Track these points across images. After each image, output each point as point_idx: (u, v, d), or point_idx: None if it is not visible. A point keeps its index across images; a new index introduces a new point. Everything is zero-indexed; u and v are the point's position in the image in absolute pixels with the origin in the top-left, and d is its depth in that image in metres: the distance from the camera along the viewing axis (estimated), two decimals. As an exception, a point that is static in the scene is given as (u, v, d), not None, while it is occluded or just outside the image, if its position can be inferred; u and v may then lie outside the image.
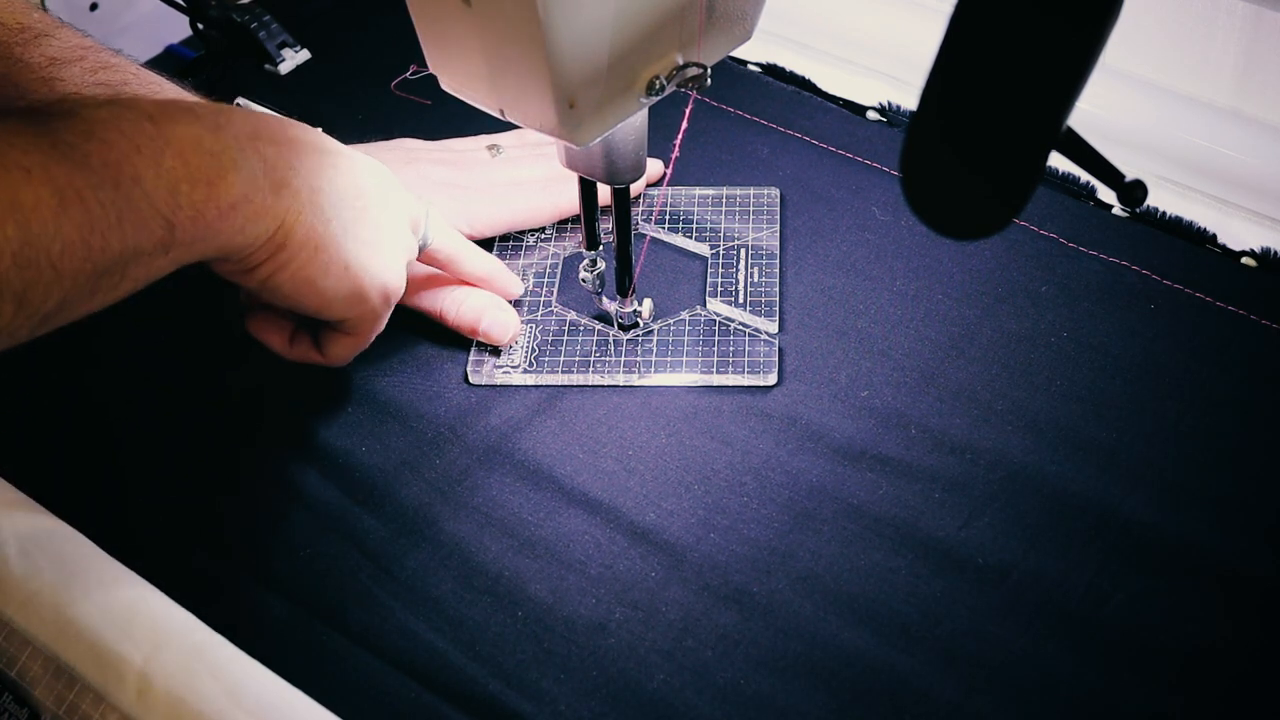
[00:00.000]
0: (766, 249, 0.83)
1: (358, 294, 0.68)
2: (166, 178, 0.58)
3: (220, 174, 0.60)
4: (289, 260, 0.65)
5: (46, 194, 0.53)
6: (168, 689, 0.63)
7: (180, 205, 0.58)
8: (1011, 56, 0.47)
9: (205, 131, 0.60)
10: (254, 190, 0.61)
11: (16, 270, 0.52)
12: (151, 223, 0.57)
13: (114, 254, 0.56)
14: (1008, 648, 0.64)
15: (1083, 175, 0.85)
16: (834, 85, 0.94)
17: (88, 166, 0.55)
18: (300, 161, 0.64)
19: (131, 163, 0.57)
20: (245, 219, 0.61)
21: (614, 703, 0.63)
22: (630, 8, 0.58)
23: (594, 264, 0.77)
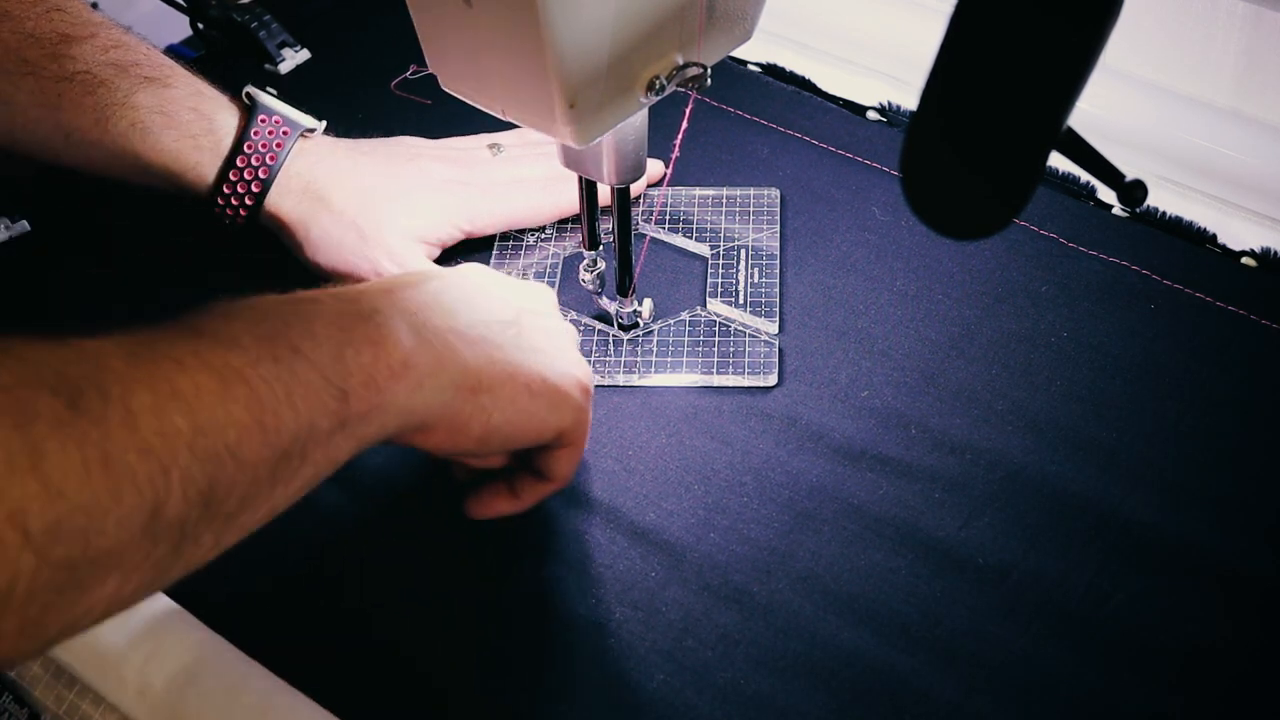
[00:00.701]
0: (766, 249, 0.83)
1: (564, 401, 0.64)
2: (327, 345, 0.53)
3: (380, 335, 0.56)
4: (494, 402, 0.60)
5: (205, 378, 0.48)
6: (168, 689, 0.63)
7: (350, 371, 0.54)
8: (1011, 57, 0.47)
9: (344, 304, 0.56)
10: (420, 344, 0.57)
11: (198, 464, 0.47)
12: (323, 393, 0.52)
13: (290, 433, 0.51)
14: (1008, 648, 0.64)
15: (1083, 175, 0.85)
16: (834, 85, 0.94)
17: (239, 346, 0.50)
18: (443, 302, 0.61)
19: (285, 336, 0.52)
20: (423, 375, 0.57)
21: (614, 703, 0.63)
22: (630, 8, 0.58)
23: (594, 264, 0.77)
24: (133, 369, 0.47)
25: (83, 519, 0.43)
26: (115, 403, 0.45)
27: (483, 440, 0.61)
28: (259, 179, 0.79)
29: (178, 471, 0.46)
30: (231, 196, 0.79)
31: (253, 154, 0.79)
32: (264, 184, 0.79)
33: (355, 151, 0.82)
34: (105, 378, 0.46)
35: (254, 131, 0.79)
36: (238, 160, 0.79)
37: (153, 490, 0.45)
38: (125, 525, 0.44)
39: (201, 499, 0.47)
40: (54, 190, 0.90)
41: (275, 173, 0.79)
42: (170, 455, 0.46)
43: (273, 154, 0.79)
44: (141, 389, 0.46)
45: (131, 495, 0.44)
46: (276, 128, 0.80)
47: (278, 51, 0.99)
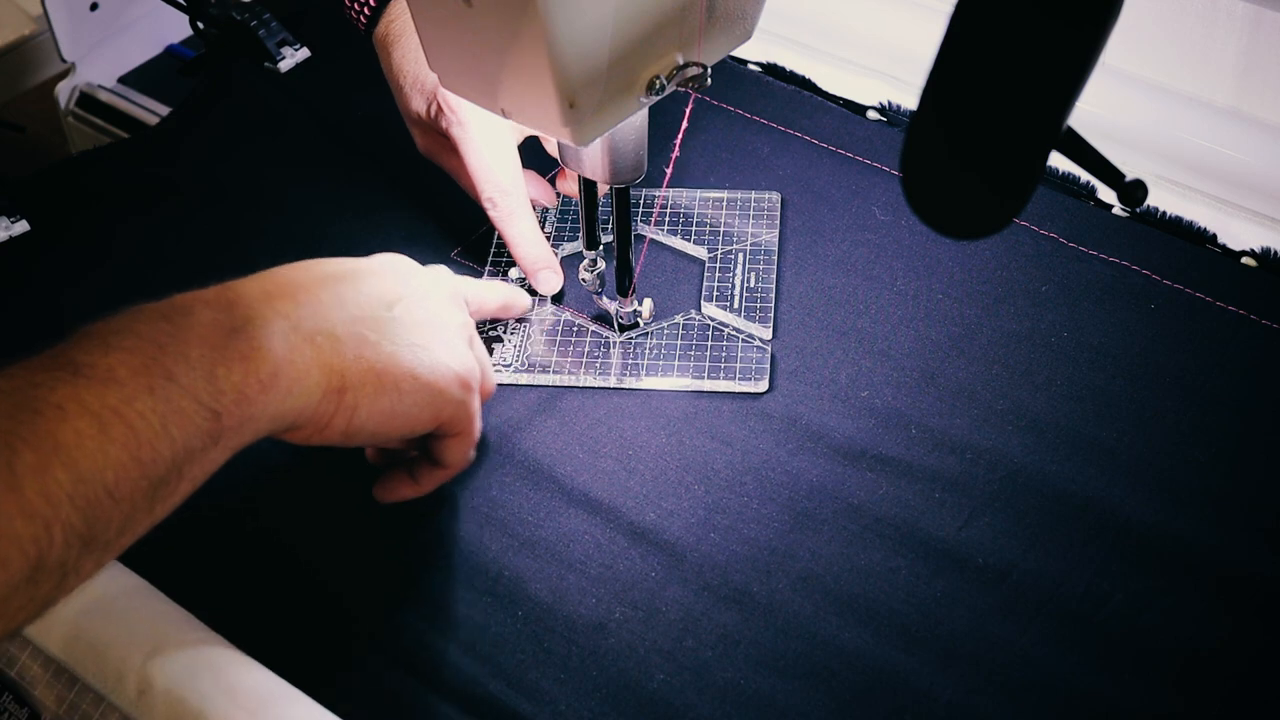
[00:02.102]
0: (765, 253, 0.83)
1: (437, 397, 0.65)
2: (199, 366, 0.55)
3: (252, 347, 0.57)
4: (358, 400, 0.61)
5: (85, 424, 0.51)
6: (168, 689, 0.63)
7: (222, 390, 0.55)
8: (1012, 57, 0.47)
9: (219, 313, 0.58)
10: (290, 351, 0.58)
11: (76, 512, 0.50)
12: (197, 417, 0.54)
13: (166, 461, 0.53)
14: (1008, 647, 0.64)
15: (1083, 175, 0.85)
16: (834, 85, 0.94)
17: (116, 381, 0.53)
18: (321, 299, 0.62)
19: (159, 363, 0.54)
20: (291, 382, 0.58)
21: (614, 703, 0.63)
22: (630, 8, 0.58)
23: (594, 264, 0.77)
24: (16, 424, 0.50)
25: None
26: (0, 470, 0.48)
27: (347, 436, 0.62)
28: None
29: (59, 524, 0.50)
30: (354, 4, 0.84)
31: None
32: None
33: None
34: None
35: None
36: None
37: (36, 548, 0.49)
38: (9, 584, 0.48)
39: (81, 541, 0.51)
40: (54, 190, 0.90)
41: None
42: (53, 511, 0.49)
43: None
44: (24, 448, 0.49)
45: (17, 559, 0.48)
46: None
47: (278, 50, 0.99)
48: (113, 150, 0.95)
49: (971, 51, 0.48)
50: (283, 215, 0.87)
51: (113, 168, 0.92)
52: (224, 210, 0.88)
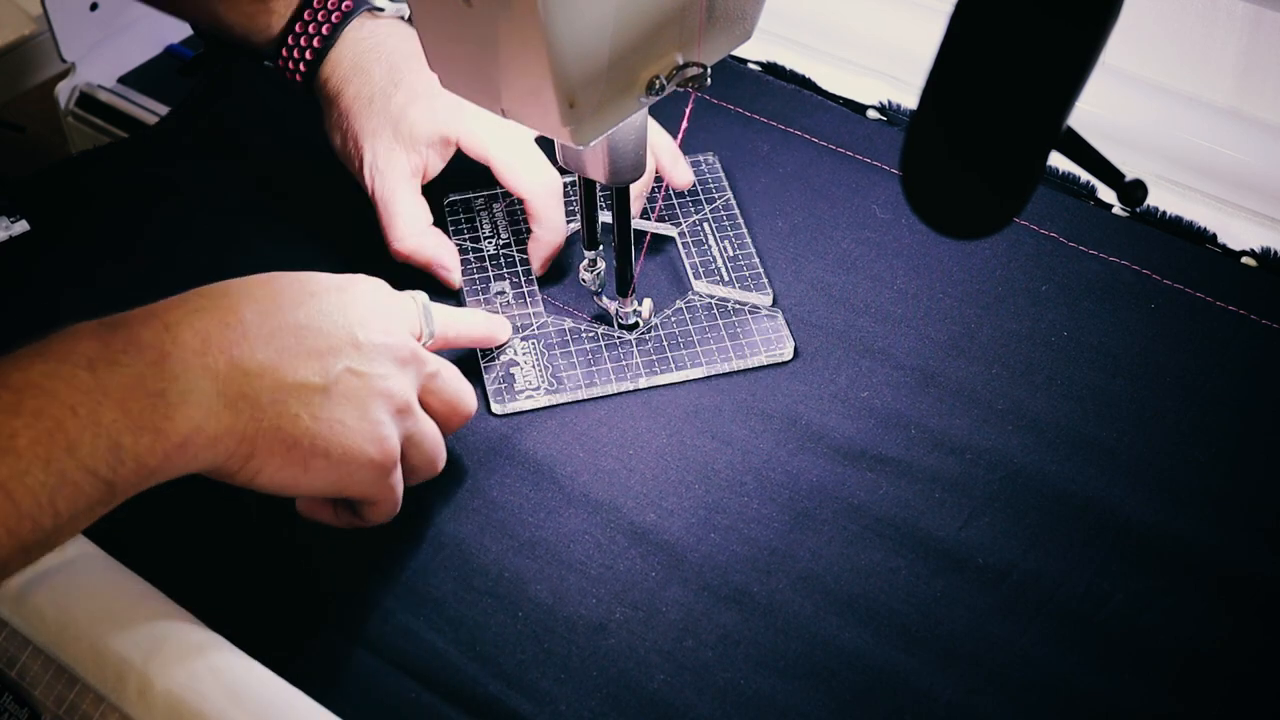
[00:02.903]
0: (729, 217, 0.83)
1: (344, 477, 0.63)
2: (106, 435, 0.54)
3: (167, 415, 0.56)
4: (261, 466, 0.60)
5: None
6: (168, 689, 0.62)
7: (122, 461, 0.55)
8: (1012, 56, 0.47)
9: (148, 368, 0.56)
10: (206, 417, 0.57)
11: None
12: (89, 488, 0.54)
13: (46, 530, 0.53)
14: (1008, 648, 0.64)
15: (1083, 175, 0.85)
16: (834, 84, 0.94)
17: (14, 451, 0.52)
18: (258, 356, 0.60)
19: (65, 431, 0.53)
20: (198, 449, 0.57)
21: (614, 703, 0.63)
22: (630, 8, 0.58)
23: (594, 264, 0.77)
24: None
25: None
26: None
27: (248, 487, 0.62)
28: (313, 47, 0.82)
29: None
30: (289, 60, 0.83)
31: (310, 22, 0.82)
32: (317, 52, 0.82)
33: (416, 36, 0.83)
34: None
35: (316, 1, 0.82)
36: (295, 27, 0.83)
37: None
38: None
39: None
40: (54, 190, 0.90)
41: (330, 42, 0.82)
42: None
43: (329, 25, 0.82)
44: None
45: None
46: (340, 1, 0.83)
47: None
48: (113, 150, 0.95)
49: (972, 51, 0.48)
50: (283, 215, 0.87)
51: (113, 168, 0.92)
52: (224, 210, 0.88)
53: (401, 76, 0.80)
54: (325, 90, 0.82)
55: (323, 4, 0.82)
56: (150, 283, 0.83)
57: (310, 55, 0.82)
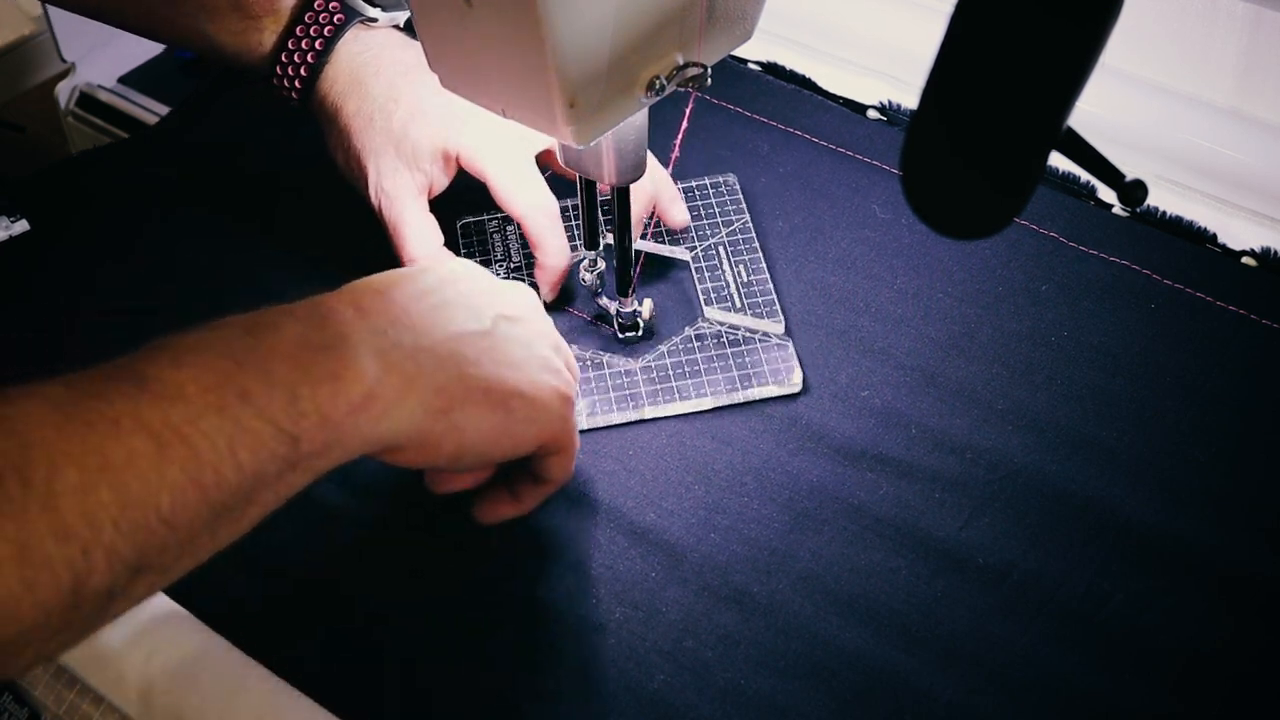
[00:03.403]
0: (744, 241, 0.82)
1: (542, 414, 0.63)
2: (281, 387, 0.52)
3: (343, 366, 0.54)
4: (465, 420, 0.59)
5: (140, 442, 0.48)
6: (168, 689, 0.63)
7: (303, 413, 0.52)
8: (1012, 56, 0.47)
9: (309, 329, 0.54)
10: (386, 371, 0.55)
11: (124, 537, 0.47)
12: (271, 441, 0.51)
13: (231, 487, 0.50)
14: (1008, 648, 0.64)
15: (1083, 175, 0.85)
16: (834, 84, 0.94)
17: (183, 398, 0.49)
18: (416, 315, 0.59)
19: (235, 381, 0.51)
20: (387, 404, 0.55)
21: (614, 703, 0.63)
22: (630, 8, 0.58)
23: (594, 264, 0.77)
24: (63, 439, 0.47)
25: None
26: (36, 486, 0.45)
27: (455, 457, 0.60)
28: (308, 64, 0.80)
29: (101, 549, 0.46)
30: (284, 79, 0.81)
31: (304, 38, 0.80)
32: (312, 69, 0.80)
33: (415, 48, 0.80)
34: (30, 455, 0.46)
35: (307, 15, 0.80)
36: (288, 43, 0.80)
37: (71, 573, 0.46)
38: (41, 608, 0.45)
39: (129, 569, 0.47)
40: (54, 190, 0.90)
41: (324, 58, 0.80)
42: (93, 535, 0.46)
43: (322, 39, 0.80)
44: (68, 465, 0.46)
45: (48, 581, 0.45)
46: (331, 14, 0.80)
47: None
48: (113, 150, 0.95)
49: (972, 51, 0.48)
50: (284, 214, 0.87)
51: (113, 168, 0.92)
52: (224, 210, 0.88)
53: (400, 91, 0.78)
54: (323, 108, 0.80)
55: (314, 18, 0.80)
56: (150, 283, 0.84)
57: (305, 72, 0.80)
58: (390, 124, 0.78)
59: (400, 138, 0.77)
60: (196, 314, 0.80)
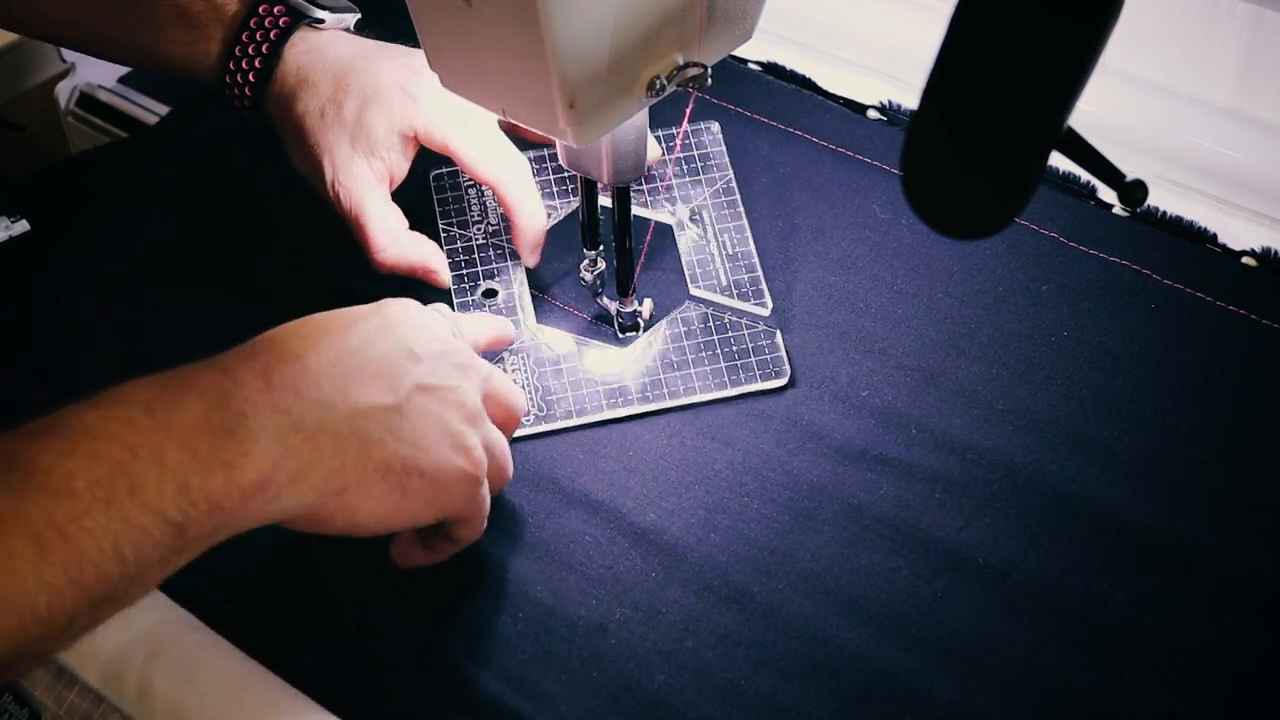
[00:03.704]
0: (728, 202, 0.80)
1: (442, 494, 0.61)
2: (172, 476, 0.51)
3: (239, 452, 0.53)
4: (359, 501, 0.58)
5: (22, 544, 0.47)
6: (168, 689, 0.63)
7: (192, 502, 0.51)
8: (1012, 56, 0.47)
9: (211, 408, 0.53)
10: (284, 455, 0.55)
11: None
12: (157, 533, 0.51)
13: (113, 580, 0.50)
14: (1008, 648, 0.64)
15: (1083, 175, 0.85)
16: (834, 84, 0.94)
17: (70, 494, 0.49)
18: (324, 388, 0.58)
19: (126, 472, 0.50)
20: (280, 487, 0.55)
21: (614, 703, 0.63)
22: (630, 8, 0.58)
23: (594, 264, 0.77)
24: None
25: None
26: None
27: (348, 531, 0.60)
28: (255, 69, 0.78)
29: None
30: (234, 86, 0.79)
31: (250, 44, 0.78)
32: (260, 74, 0.78)
33: (361, 43, 0.80)
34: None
35: (252, 21, 0.78)
36: (235, 50, 0.79)
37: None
38: None
39: (4, 665, 0.47)
40: (54, 190, 0.90)
41: (272, 62, 0.78)
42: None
43: (268, 43, 0.78)
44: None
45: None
46: (276, 17, 0.79)
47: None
48: (113, 150, 0.95)
49: (972, 51, 0.48)
50: (283, 214, 0.87)
51: (113, 168, 0.92)
52: (224, 210, 0.87)
53: (348, 81, 0.77)
54: (275, 112, 0.79)
55: (259, 23, 0.78)
56: (150, 283, 0.84)
57: (254, 78, 0.78)
58: (342, 115, 0.76)
59: (354, 126, 0.76)
60: (197, 314, 0.81)
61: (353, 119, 0.76)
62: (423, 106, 0.76)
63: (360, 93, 0.76)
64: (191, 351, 0.79)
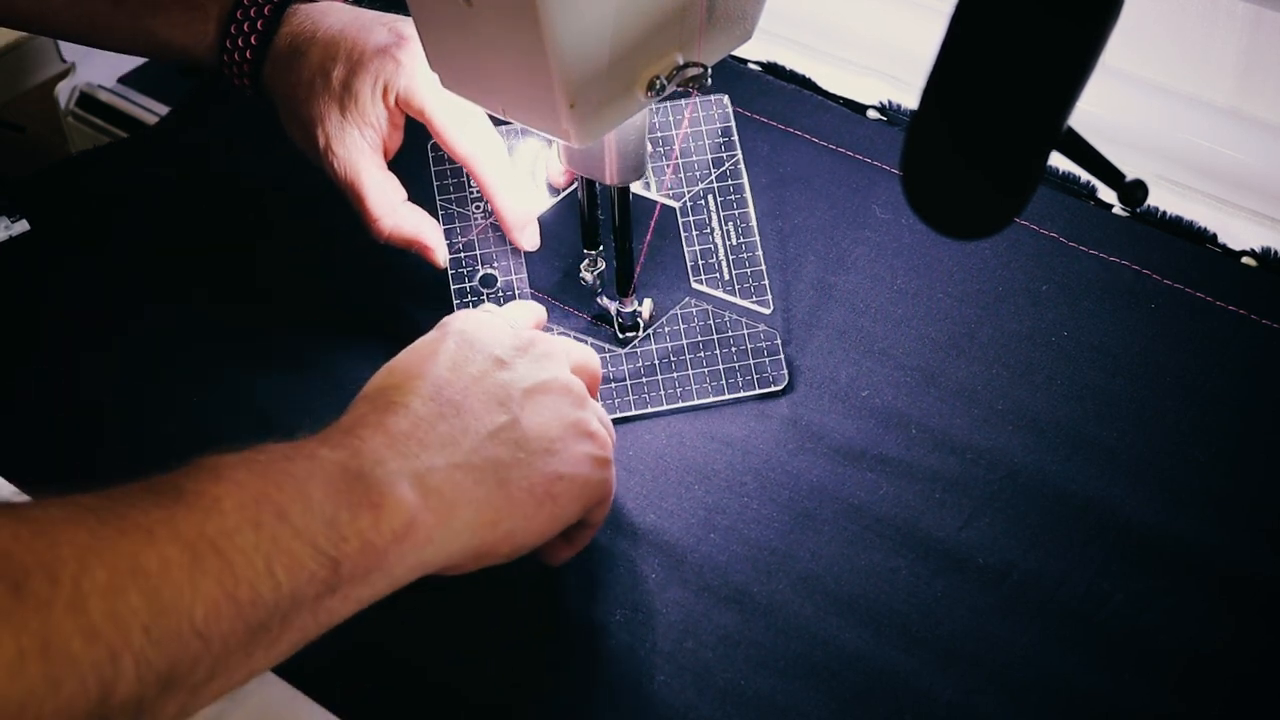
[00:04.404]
0: (734, 191, 0.79)
1: (585, 487, 0.62)
2: (319, 509, 0.51)
3: (382, 496, 0.53)
4: (516, 526, 0.58)
5: (174, 551, 0.47)
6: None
7: (344, 537, 0.51)
8: (1012, 56, 0.47)
9: (347, 458, 0.54)
10: (424, 497, 0.55)
11: (154, 645, 0.45)
12: (310, 562, 0.50)
13: (268, 605, 0.49)
14: (1008, 648, 0.64)
15: (1083, 175, 0.85)
16: (834, 84, 0.94)
17: (219, 511, 0.49)
18: (441, 431, 0.58)
19: (273, 500, 0.50)
20: (430, 529, 0.54)
21: (614, 704, 0.63)
22: (630, 8, 0.58)
23: (594, 264, 0.77)
24: (95, 541, 0.46)
25: (14, 711, 0.42)
26: (64, 585, 0.44)
27: (514, 554, 0.60)
28: (251, 46, 0.78)
29: (130, 655, 0.45)
30: (232, 65, 0.79)
31: (245, 20, 0.78)
32: (256, 50, 0.78)
33: (354, 12, 0.79)
34: (60, 554, 0.45)
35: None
36: (230, 29, 0.78)
37: (98, 676, 0.44)
38: (65, 712, 0.43)
39: (160, 680, 0.46)
40: (54, 190, 0.90)
41: (268, 37, 0.78)
42: (122, 639, 0.45)
43: (264, 20, 0.78)
44: (98, 566, 0.45)
45: (72, 683, 0.43)
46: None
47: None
48: (113, 150, 0.95)
49: (972, 51, 0.48)
50: (284, 214, 0.87)
51: (113, 168, 0.92)
52: (224, 210, 0.88)
53: (337, 50, 0.76)
54: (271, 87, 0.79)
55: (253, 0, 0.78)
56: (150, 283, 0.84)
57: (251, 55, 0.78)
58: (330, 84, 0.76)
59: (342, 94, 0.75)
60: (197, 313, 0.81)
61: (340, 86, 0.75)
62: (405, 71, 0.75)
63: (347, 59, 0.76)
64: (191, 351, 0.79)
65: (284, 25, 0.78)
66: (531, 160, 0.79)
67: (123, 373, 0.79)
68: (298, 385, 0.77)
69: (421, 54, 0.65)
